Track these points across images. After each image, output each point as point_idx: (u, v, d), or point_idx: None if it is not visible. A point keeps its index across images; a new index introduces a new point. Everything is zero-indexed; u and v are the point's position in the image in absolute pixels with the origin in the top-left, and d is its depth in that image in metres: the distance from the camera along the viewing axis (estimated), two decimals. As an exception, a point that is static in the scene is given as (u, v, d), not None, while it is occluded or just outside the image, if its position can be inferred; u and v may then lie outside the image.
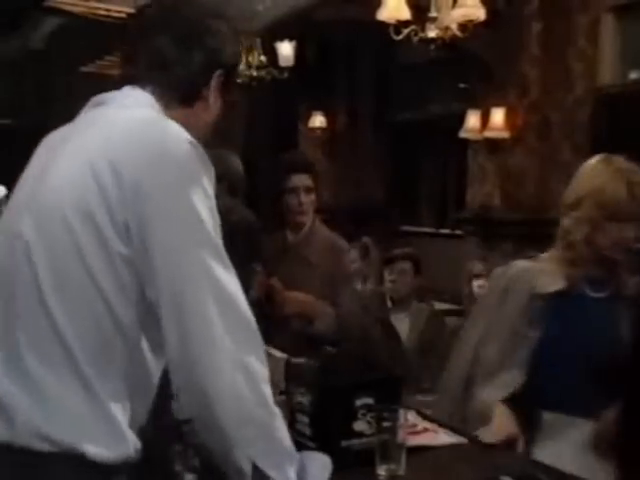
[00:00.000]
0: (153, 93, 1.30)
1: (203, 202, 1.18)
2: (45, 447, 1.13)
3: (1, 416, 1.16)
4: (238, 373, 1.16)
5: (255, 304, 1.82)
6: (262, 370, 1.20)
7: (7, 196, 5.33)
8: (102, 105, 1.31)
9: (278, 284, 2.79)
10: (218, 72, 1.36)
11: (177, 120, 1.27)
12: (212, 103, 1.37)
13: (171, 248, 1.15)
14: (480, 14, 3.88)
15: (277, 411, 1.23)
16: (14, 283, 1.19)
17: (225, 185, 3.98)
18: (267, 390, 1.21)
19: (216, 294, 1.17)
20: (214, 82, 1.36)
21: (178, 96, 1.33)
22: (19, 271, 1.18)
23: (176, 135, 1.21)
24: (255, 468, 1.17)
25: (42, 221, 1.18)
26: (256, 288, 2.70)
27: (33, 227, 1.18)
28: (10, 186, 4.73)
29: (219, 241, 1.20)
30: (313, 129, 7.19)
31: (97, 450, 1.15)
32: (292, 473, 1.22)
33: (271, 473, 1.18)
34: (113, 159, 1.16)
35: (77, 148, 1.21)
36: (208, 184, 1.21)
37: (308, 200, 2.88)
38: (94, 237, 1.14)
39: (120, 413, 1.18)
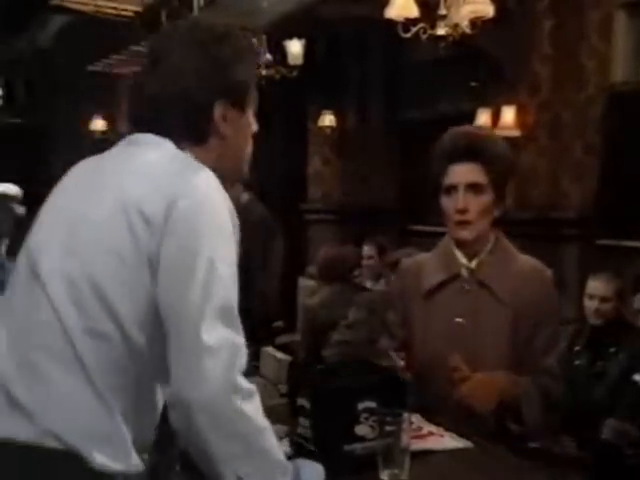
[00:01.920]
0: (170, 138, 1.29)
1: (223, 258, 1.20)
2: (55, 445, 1.18)
3: (22, 417, 1.20)
4: (224, 388, 1.17)
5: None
6: (248, 385, 1.21)
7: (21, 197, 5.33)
8: (136, 146, 1.31)
9: (459, 361, 1.85)
10: (218, 102, 1.30)
11: (199, 160, 1.28)
12: (228, 134, 1.32)
13: (181, 295, 1.19)
14: (489, 11, 3.85)
15: (266, 424, 1.22)
16: (32, 304, 1.25)
17: (242, 185, 3.99)
18: (252, 405, 1.21)
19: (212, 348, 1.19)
20: (217, 113, 1.30)
21: (185, 137, 1.30)
22: (39, 303, 1.24)
23: (205, 188, 1.22)
24: None
25: (68, 253, 1.24)
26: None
27: (57, 258, 1.24)
28: (21, 184, 4.66)
29: (229, 300, 1.22)
30: (323, 128, 7.14)
31: (100, 457, 1.19)
32: None
33: None
34: (146, 211, 1.20)
35: (114, 192, 1.24)
36: (231, 239, 1.24)
37: (475, 204, 1.91)
38: (118, 273, 1.20)
39: (128, 429, 1.22)
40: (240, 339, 1.22)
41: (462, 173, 1.92)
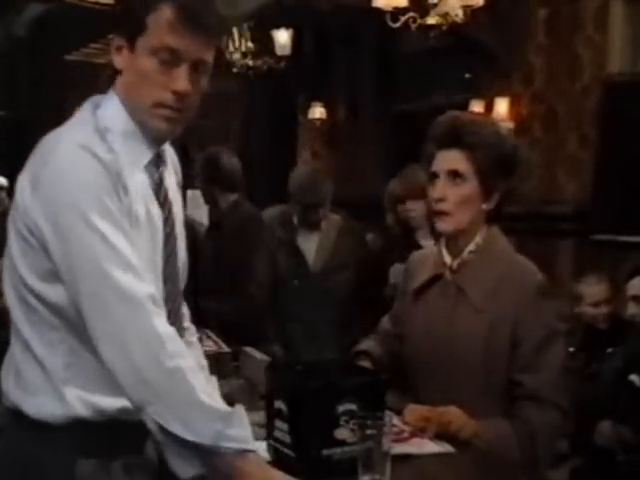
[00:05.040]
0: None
1: (101, 217, 1.24)
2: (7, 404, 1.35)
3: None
4: (133, 340, 1.22)
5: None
6: (158, 334, 1.24)
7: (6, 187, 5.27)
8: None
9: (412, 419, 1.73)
10: (116, 33, 1.35)
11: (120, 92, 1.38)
12: (120, 67, 1.36)
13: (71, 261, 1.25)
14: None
15: (179, 368, 1.24)
16: None
17: (218, 186, 3.86)
18: (164, 351, 1.23)
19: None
20: (113, 44, 1.36)
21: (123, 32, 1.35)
22: None
23: (71, 160, 1.28)
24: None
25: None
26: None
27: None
28: (3, 176, 4.53)
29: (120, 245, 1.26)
30: (313, 120, 7.11)
31: (37, 410, 1.31)
32: (205, 428, 1.22)
33: (177, 431, 1.21)
34: (32, 179, 1.30)
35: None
36: (106, 197, 1.27)
37: (454, 194, 1.77)
38: (19, 239, 1.31)
39: (65, 381, 1.31)
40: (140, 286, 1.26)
41: (443, 160, 1.80)
